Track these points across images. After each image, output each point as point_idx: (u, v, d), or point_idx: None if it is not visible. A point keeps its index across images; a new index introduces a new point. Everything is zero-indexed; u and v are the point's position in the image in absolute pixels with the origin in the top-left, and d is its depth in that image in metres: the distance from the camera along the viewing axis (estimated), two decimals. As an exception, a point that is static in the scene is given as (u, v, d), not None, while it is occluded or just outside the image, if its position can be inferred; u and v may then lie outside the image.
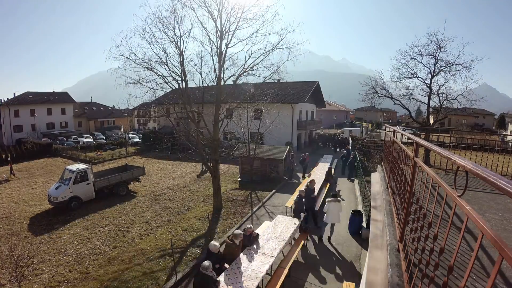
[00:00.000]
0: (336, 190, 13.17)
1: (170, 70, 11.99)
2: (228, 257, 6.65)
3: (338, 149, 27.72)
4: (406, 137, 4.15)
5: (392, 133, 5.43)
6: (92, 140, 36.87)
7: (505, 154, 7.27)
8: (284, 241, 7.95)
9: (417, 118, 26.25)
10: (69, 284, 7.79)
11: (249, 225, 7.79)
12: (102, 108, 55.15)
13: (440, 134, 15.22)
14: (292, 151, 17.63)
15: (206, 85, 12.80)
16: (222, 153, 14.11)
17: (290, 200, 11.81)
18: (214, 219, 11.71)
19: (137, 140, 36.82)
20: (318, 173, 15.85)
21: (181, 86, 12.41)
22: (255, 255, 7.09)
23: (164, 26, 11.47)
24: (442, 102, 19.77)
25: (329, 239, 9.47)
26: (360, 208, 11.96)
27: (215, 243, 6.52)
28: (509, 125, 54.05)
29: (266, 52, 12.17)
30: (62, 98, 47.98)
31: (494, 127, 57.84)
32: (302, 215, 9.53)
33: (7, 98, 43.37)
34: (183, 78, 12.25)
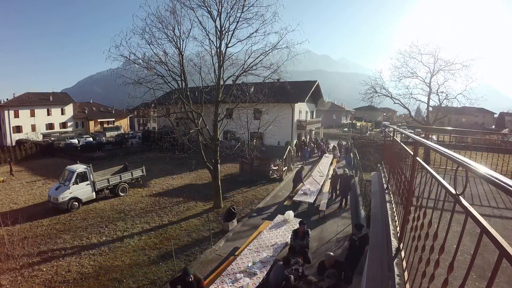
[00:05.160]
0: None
1: (169, 70, 11.99)
2: None
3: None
4: (405, 136, 4.15)
5: (392, 132, 5.43)
6: (92, 140, 36.84)
7: (505, 154, 7.25)
8: (285, 242, 7.95)
9: (416, 117, 26.29)
10: (69, 285, 7.79)
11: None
12: (101, 109, 55.14)
13: (440, 134, 15.23)
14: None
15: (206, 85, 12.80)
16: (222, 153, 14.09)
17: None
18: (214, 220, 11.72)
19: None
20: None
21: (180, 86, 12.40)
22: (257, 252, 7.10)
23: (163, 26, 11.49)
24: (442, 101, 19.79)
25: None
26: (361, 208, 11.98)
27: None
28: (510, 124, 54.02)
29: (265, 51, 12.17)
30: (62, 98, 47.96)
31: (494, 126, 57.88)
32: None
33: (7, 99, 43.37)
34: (183, 78, 12.25)
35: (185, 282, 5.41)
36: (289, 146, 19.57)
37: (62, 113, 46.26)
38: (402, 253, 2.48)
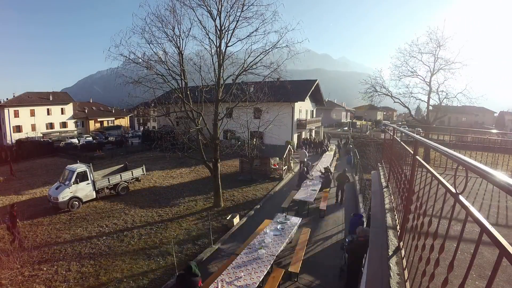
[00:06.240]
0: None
1: (169, 69, 11.98)
2: None
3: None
4: (405, 134, 4.15)
5: (391, 131, 5.43)
6: (92, 139, 36.86)
7: (504, 154, 7.24)
8: (285, 240, 7.96)
9: (417, 116, 26.29)
10: (69, 284, 7.79)
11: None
12: (101, 108, 55.15)
13: (439, 133, 15.24)
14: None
15: (206, 84, 12.79)
16: (222, 152, 14.10)
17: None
18: (214, 219, 11.74)
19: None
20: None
21: (180, 86, 12.39)
22: (257, 252, 7.11)
23: (163, 25, 11.48)
24: (442, 100, 19.80)
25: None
26: (361, 207, 11.99)
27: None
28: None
29: (265, 50, 12.17)
30: (62, 98, 47.94)
31: (494, 125, 57.88)
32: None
33: (7, 99, 43.35)
34: (183, 77, 12.24)
35: (185, 277, 5.43)
36: (289, 145, 19.56)
37: (62, 113, 46.25)
38: (402, 252, 2.48)
